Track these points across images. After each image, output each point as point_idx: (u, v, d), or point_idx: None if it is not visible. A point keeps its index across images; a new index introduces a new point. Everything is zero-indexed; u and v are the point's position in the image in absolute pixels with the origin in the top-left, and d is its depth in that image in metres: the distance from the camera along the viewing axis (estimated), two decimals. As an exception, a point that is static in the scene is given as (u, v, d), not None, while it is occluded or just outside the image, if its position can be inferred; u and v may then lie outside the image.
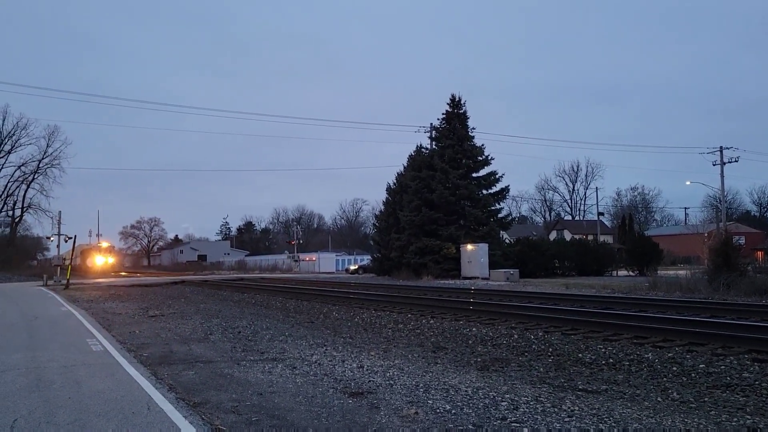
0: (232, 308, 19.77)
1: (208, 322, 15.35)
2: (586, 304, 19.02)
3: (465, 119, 46.02)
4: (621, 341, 10.97)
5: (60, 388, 7.46)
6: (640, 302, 19.24)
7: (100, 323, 15.33)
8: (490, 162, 45.64)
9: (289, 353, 10.15)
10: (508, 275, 38.18)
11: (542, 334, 12.12)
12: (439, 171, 44.39)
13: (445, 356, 9.96)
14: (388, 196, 52.00)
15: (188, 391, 7.26)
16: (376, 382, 7.77)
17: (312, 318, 16.35)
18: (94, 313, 18.10)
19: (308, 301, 21.73)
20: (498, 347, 10.89)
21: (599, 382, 7.86)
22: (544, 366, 8.97)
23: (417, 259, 43.85)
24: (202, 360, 9.60)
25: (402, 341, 11.82)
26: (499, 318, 14.92)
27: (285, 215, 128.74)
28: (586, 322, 13.21)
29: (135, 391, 7.33)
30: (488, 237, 43.11)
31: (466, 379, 7.92)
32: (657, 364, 8.88)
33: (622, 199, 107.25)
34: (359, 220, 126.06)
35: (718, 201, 60.71)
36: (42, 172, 68.24)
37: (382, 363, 9.15)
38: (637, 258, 45.86)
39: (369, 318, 15.84)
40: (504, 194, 46.87)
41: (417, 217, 44.20)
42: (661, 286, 26.40)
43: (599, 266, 47.61)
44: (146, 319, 16.30)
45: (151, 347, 11.06)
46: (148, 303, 22.18)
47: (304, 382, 7.81)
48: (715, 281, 24.14)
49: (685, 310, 16.83)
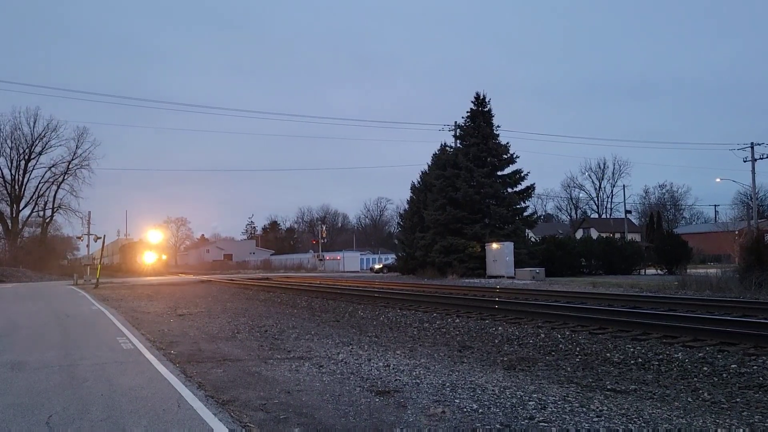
0: (258, 307, 19.94)
1: (235, 320, 15.50)
2: (614, 303, 18.80)
3: (490, 117, 45.76)
4: (650, 341, 10.83)
5: (92, 386, 7.61)
6: (669, 301, 18.97)
7: (130, 321, 15.57)
8: (515, 160, 45.34)
9: (315, 352, 10.22)
10: (534, 274, 37.91)
11: (569, 333, 12.02)
12: (463, 169, 44.22)
13: (471, 355, 9.94)
14: (413, 194, 51.96)
15: (217, 389, 7.35)
16: (402, 380, 7.78)
17: (338, 317, 16.42)
18: (123, 312, 18.40)
19: (333, 300, 21.82)
20: (524, 346, 10.83)
21: (628, 381, 7.78)
22: (571, 365, 8.90)
23: (442, 258, 43.74)
24: (230, 358, 9.70)
25: (428, 340, 11.82)
26: (525, 317, 14.82)
27: (310, 214, 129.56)
28: (614, 321, 13.06)
29: (165, 388, 7.45)
30: (513, 235, 42.82)
31: (492, 379, 7.89)
32: (687, 363, 8.75)
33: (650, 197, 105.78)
34: (383, 219, 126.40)
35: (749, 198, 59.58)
36: (72, 173, 69.31)
37: (408, 362, 9.16)
38: (666, 256, 45.21)
39: (394, 317, 15.86)
40: (529, 192, 46.52)
41: (441, 215, 44.09)
42: (691, 284, 25.98)
43: (627, 265, 47.02)
44: (175, 318, 16.52)
45: (179, 345, 11.21)
46: (176, 302, 22.47)
47: (331, 380, 7.85)
48: (746, 280, 23.68)
49: (715, 309, 16.54)
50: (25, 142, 67.65)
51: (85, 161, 68.67)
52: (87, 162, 68.63)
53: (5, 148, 67.37)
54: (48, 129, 67.72)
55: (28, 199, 69.29)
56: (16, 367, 8.94)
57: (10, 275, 52.17)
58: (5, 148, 67.37)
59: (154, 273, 64.43)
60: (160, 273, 66.81)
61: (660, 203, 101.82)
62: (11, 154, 67.67)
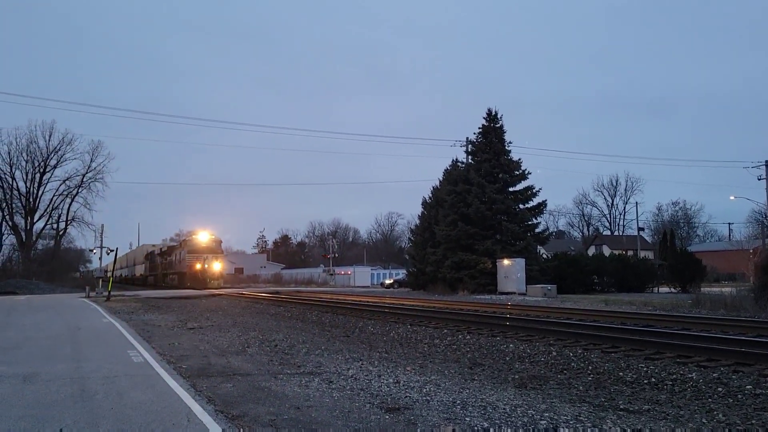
0: (268, 321, 19.93)
1: (245, 334, 15.50)
2: (627, 322, 18.62)
3: (502, 133, 45.79)
4: (663, 360, 10.71)
5: (103, 399, 7.62)
6: (683, 320, 18.77)
7: (140, 335, 15.61)
8: (527, 176, 45.30)
9: (325, 367, 10.18)
10: (546, 291, 37.66)
11: (581, 351, 11.91)
12: (475, 185, 44.19)
13: (482, 372, 9.86)
14: (424, 210, 51.95)
15: (226, 404, 7.34)
16: (412, 397, 7.73)
17: (348, 332, 16.37)
18: (134, 325, 18.45)
19: (344, 315, 21.76)
20: (536, 364, 10.74)
21: (641, 401, 7.68)
22: (583, 384, 8.81)
23: (453, 274, 43.60)
24: (240, 373, 9.69)
25: (438, 357, 11.75)
26: (537, 334, 14.70)
27: (321, 229, 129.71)
28: (627, 339, 12.93)
29: (175, 403, 7.44)
30: (525, 252, 42.64)
31: (503, 397, 7.83)
32: (701, 384, 8.64)
33: (663, 214, 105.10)
34: (394, 234, 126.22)
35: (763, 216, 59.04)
36: (85, 186, 69.90)
37: (419, 378, 9.10)
38: (679, 274, 44.77)
39: (405, 333, 15.79)
40: (541, 209, 46.40)
41: (453, 231, 44.01)
42: (705, 303, 25.70)
43: (640, 282, 46.62)
44: (185, 331, 16.54)
45: (190, 359, 11.21)
46: (186, 315, 22.51)
47: (341, 396, 7.82)
48: (761, 299, 23.40)
49: (730, 329, 16.34)
50: (40, 155, 68.47)
51: (99, 174, 69.27)
52: (101, 175, 69.24)
53: (21, 162, 68.23)
54: (63, 142, 68.51)
55: (42, 211, 69.98)
56: (27, 379, 8.97)
57: (23, 287, 52.55)
58: (21, 162, 68.23)
59: (210, 287, 48.93)
60: (219, 287, 51.00)
61: (673, 220, 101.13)
62: (26, 167, 68.49)
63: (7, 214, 67.87)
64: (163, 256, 63.04)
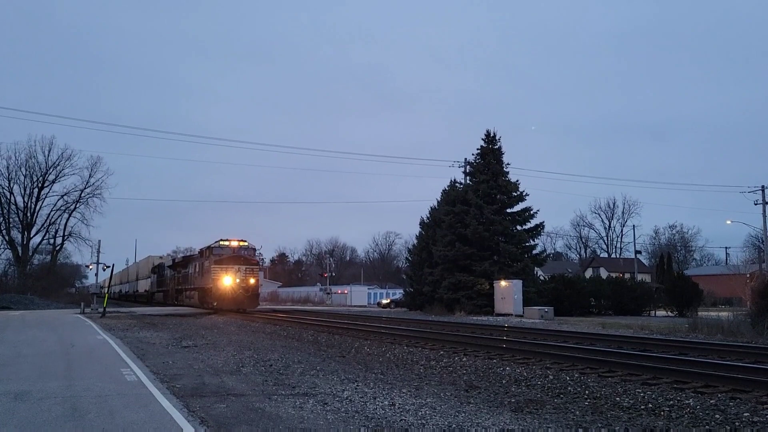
0: (264, 340, 19.80)
1: (240, 354, 15.39)
2: (624, 346, 18.55)
3: (500, 154, 45.94)
4: (660, 385, 10.66)
5: (95, 419, 7.53)
6: (680, 345, 18.70)
7: (134, 353, 15.48)
8: (524, 198, 45.36)
9: (320, 388, 10.10)
10: (543, 313, 37.53)
11: (578, 375, 11.85)
12: (473, 206, 44.24)
13: (478, 395, 9.79)
14: (422, 230, 51.93)
15: (220, 425, 7.26)
16: (408, 421, 7.66)
17: (343, 352, 16.27)
18: (128, 342, 18.31)
19: (340, 335, 21.64)
20: (532, 388, 10.66)
21: (638, 428, 7.62)
22: (580, 409, 8.74)
23: (450, 295, 43.48)
24: (234, 393, 9.60)
25: (434, 379, 11.67)
26: (534, 357, 14.63)
27: (318, 247, 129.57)
28: (624, 364, 12.88)
29: (167, 423, 7.36)
30: (522, 273, 42.57)
31: (499, 421, 7.76)
32: (699, 410, 8.58)
33: (660, 237, 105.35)
34: (392, 254, 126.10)
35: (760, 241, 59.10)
36: (83, 202, 69.78)
37: (414, 401, 9.03)
38: (676, 298, 44.64)
39: (401, 354, 15.70)
40: (539, 230, 46.41)
41: (450, 252, 43.96)
42: (702, 328, 25.59)
43: (637, 306, 46.50)
44: (179, 350, 16.42)
45: (183, 378, 11.12)
46: (182, 333, 22.36)
47: (335, 419, 7.74)
48: (758, 324, 23.32)
49: (727, 355, 16.27)
50: (39, 170, 68.33)
51: (98, 190, 69.13)
52: (99, 191, 69.10)
53: (19, 176, 68.04)
54: (62, 158, 68.40)
55: (39, 226, 69.67)
56: (19, 398, 8.88)
57: (18, 302, 52.18)
58: (19, 176, 68.04)
59: (243, 307, 38.95)
60: (255, 307, 41.11)
61: (670, 244, 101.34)
62: (25, 181, 68.37)
63: (4, 228, 67.66)
64: (177, 269, 50.48)
